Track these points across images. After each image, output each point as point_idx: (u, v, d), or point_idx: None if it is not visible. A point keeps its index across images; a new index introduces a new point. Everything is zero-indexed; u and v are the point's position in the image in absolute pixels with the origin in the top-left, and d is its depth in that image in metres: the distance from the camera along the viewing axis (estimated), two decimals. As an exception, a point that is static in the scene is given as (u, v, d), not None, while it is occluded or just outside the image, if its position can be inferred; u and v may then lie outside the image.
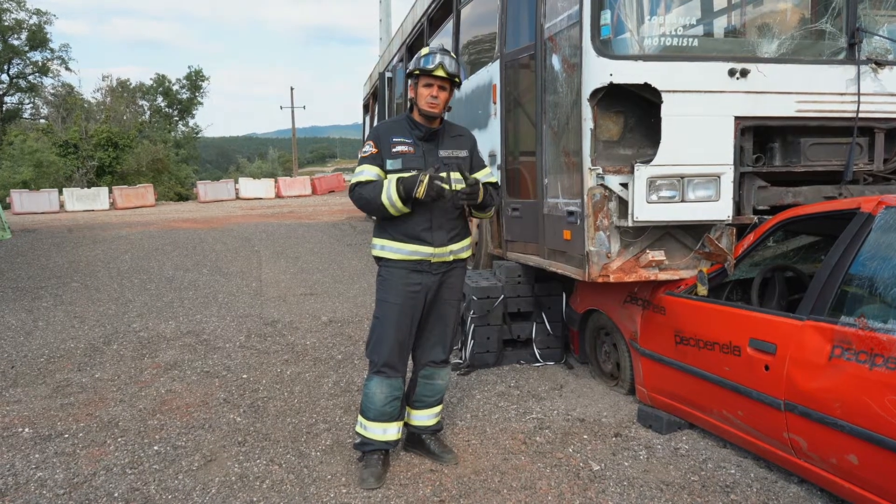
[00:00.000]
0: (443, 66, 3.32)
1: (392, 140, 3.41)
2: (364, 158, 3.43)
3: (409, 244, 3.41)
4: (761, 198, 3.92)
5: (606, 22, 3.74)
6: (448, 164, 3.45)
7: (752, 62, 3.73)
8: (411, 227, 3.41)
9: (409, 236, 3.40)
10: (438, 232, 3.45)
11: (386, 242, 3.45)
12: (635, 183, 3.69)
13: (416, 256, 3.42)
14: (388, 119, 3.61)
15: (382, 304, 3.45)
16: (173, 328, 6.61)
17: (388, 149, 3.39)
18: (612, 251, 3.89)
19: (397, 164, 3.38)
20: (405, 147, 3.40)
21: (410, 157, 3.40)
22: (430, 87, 3.36)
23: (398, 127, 3.47)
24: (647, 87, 3.67)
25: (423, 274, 3.45)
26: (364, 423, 3.49)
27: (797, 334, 3.12)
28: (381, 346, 3.43)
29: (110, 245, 12.77)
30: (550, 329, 5.27)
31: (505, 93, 5.28)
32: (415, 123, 3.45)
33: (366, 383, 3.50)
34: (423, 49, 3.44)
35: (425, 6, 8.45)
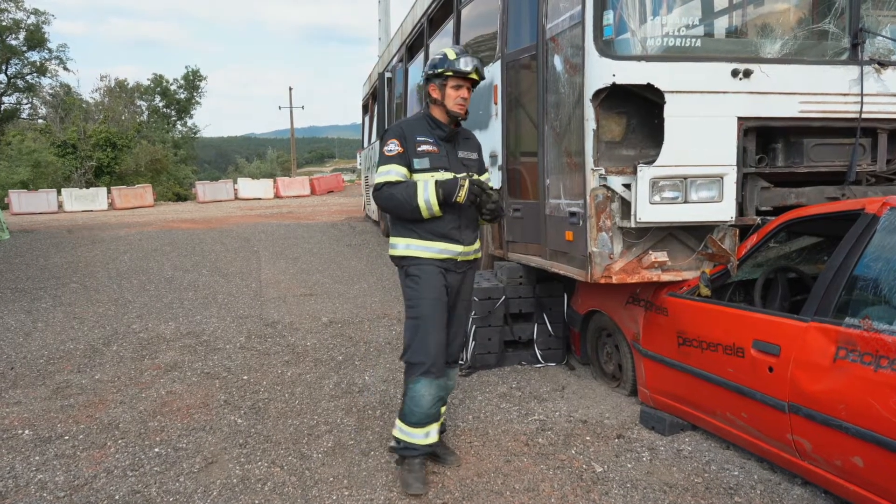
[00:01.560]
0: (477, 69, 3.37)
1: (416, 139, 3.36)
2: (390, 157, 3.33)
3: (439, 242, 3.38)
4: (764, 199, 3.90)
5: (609, 22, 3.72)
6: (467, 165, 3.49)
7: (755, 63, 3.72)
8: (441, 226, 3.36)
9: (439, 235, 3.37)
10: (466, 231, 3.45)
11: (413, 241, 3.39)
12: (638, 184, 3.68)
13: (445, 255, 3.40)
14: (406, 118, 3.61)
15: (421, 303, 3.35)
16: (173, 329, 6.59)
17: (413, 147, 3.34)
18: (614, 252, 3.88)
19: (425, 163, 3.34)
20: (430, 146, 3.37)
21: (436, 157, 3.37)
22: (461, 89, 3.37)
23: (419, 126, 3.42)
24: (649, 88, 3.66)
25: (450, 273, 3.44)
26: (406, 429, 3.38)
27: (801, 336, 3.11)
28: (426, 345, 3.33)
29: (109, 245, 12.74)
30: (552, 330, 5.25)
31: (506, 93, 5.27)
32: (436, 123, 3.42)
33: (410, 387, 3.35)
34: (448, 50, 3.40)
35: (425, 6, 8.43)
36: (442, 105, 3.41)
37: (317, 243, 12.58)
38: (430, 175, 3.33)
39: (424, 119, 3.46)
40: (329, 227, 15.27)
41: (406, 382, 3.42)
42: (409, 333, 3.40)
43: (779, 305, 3.79)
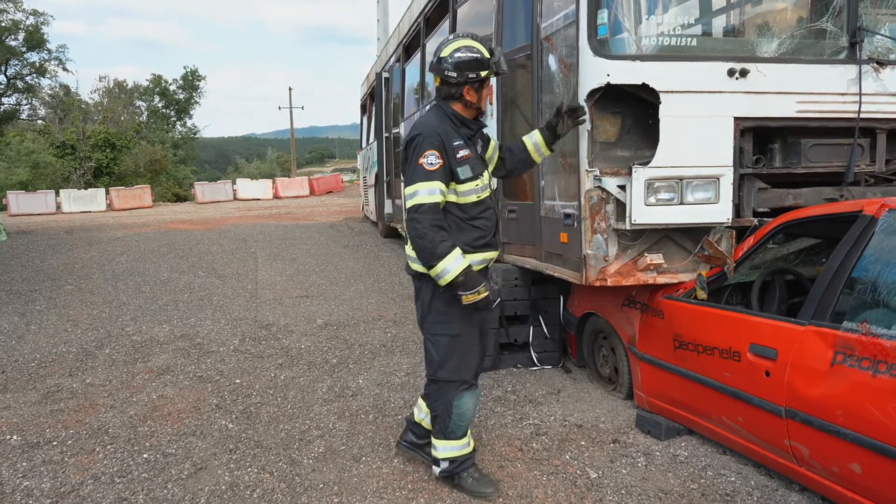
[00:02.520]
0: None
1: (454, 144, 3.10)
2: (432, 173, 3.00)
3: (481, 252, 3.21)
4: (761, 200, 3.85)
5: (603, 21, 3.67)
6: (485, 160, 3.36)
7: (752, 62, 3.67)
8: (485, 234, 3.21)
9: (482, 245, 3.21)
10: (499, 234, 3.37)
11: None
12: (633, 185, 3.62)
13: (484, 264, 3.27)
14: (431, 119, 3.18)
15: (460, 319, 3.17)
16: (167, 332, 6.53)
17: (453, 156, 3.07)
18: (609, 254, 3.82)
19: (467, 171, 3.09)
20: (465, 150, 3.13)
21: (474, 162, 3.15)
22: (488, 87, 3.24)
23: (450, 129, 3.13)
24: (644, 88, 3.60)
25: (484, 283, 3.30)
26: (454, 445, 3.28)
27: (798, 340, 3.05)
28: (471, 360, 3.25)
29: (106, 247, 12.69)
30: (548, 332, 5.20)
31: (501, 93, 5.21)
32: (463, 121, 3.19)
33: (456, 404, 3.21)
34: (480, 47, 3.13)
35: (422, 5, 8.37)
36: (475, 106, 3.23)
37: (314, 244, 12.52)
38: (475, 184, 3.12)
39: (449, 119, 3.17)
40: (327, 228, 15.22)
41: (444, 400, 3.25)
42: (445, 350, 3.21)
43: (776, 308, 3.73)
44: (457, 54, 3.14)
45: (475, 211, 3.19)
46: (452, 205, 3.16)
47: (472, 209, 3.18)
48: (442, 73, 3.17)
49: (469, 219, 3.19)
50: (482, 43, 3.18)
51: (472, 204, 3.17)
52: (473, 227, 3.20)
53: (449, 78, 3.16)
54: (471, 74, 3.12)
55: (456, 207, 3.17)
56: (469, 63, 3.12)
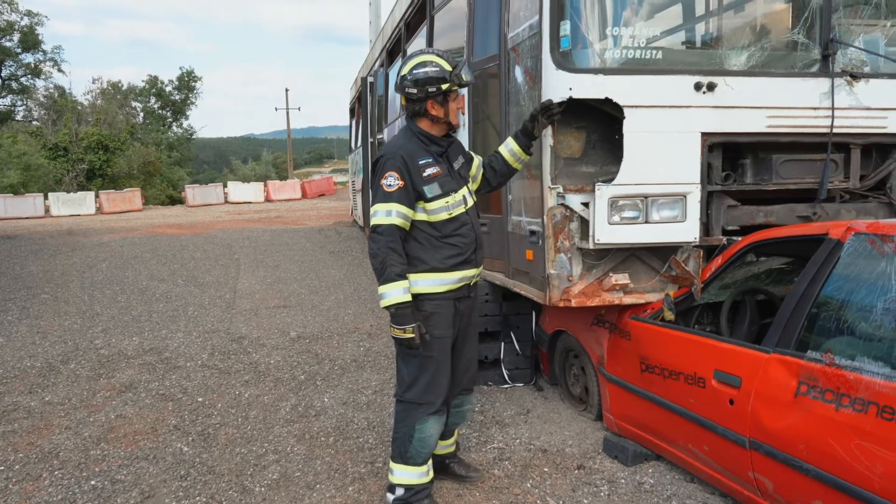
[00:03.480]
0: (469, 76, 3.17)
1: (419, 163, 3.06)
2: (389, 194, 2.99)
3: (457, 271, 3.12)
4: (731, 217, 3.72)
5: (566, 33, 3.54)
6: (463, 175, 3.28)
7: (720, 75, 3.53)
8: (462, 251, 3.12)
9: (459, 263, 3.12)
10: (480, 250, 3.26)
11: (424, 276, 3.07)
12: (596, 203, 3.49)
13: (462, 283, 3.18)
14: (398, 139, 3.21)
15: (434, 341, 3.09)
16: (136, 345, 6.39)
17: (418, 175, 3.04)
18: (573, 274, 3.69)
19: (435, 189, 3.06)
20: (434, 168, 3.09)
21: (444, 179, 3.10)
22: (458, 101, 3.18)
23: (416, 147, 3.11)
24: (608, 102, 3.47)
25: (462, 301, 3.23)
26: (411, 471, 3.17)
27: (762, 368, 2.93)
28: (440, 384, 3.15)
29: (89, 253, 12.54)
30: (519, 349, 5.07)
31: (472, 104, 5.08)
32: (431, 139, 3.16)
33: (418, 428, 3.11)
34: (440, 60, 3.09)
35: (403, 10, 8.25)
36: (444, 121, 3.17)
37: (299, 250, 12.38)
38: (445, 201, 3.07)
39: (417, 137, 3.15)
40: (315, 233, 15.08)
41: (407, 422, 3.16)
42: (414, 371, 3.14)
43: (746, 330, 3.60)
44: (416, 71, 3.12)
45: (448, 228, 3.12)
46: (424, 223, 3.11)
47: (445, 227, 3.12)
48: (403, 90, 3.17)
49: (442, 237, 3.12)
50: (444, 57, 3.14)
51: (443, 221, 3.11)
52: (448, 244, 3.13)
53: (410, 95, 3.14)
54: (431, 89, 3.07)
55: (428, 226, 3.11)
56: (429, 78, 3.08)
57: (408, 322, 2.97)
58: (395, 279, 2.97)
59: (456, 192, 3.14)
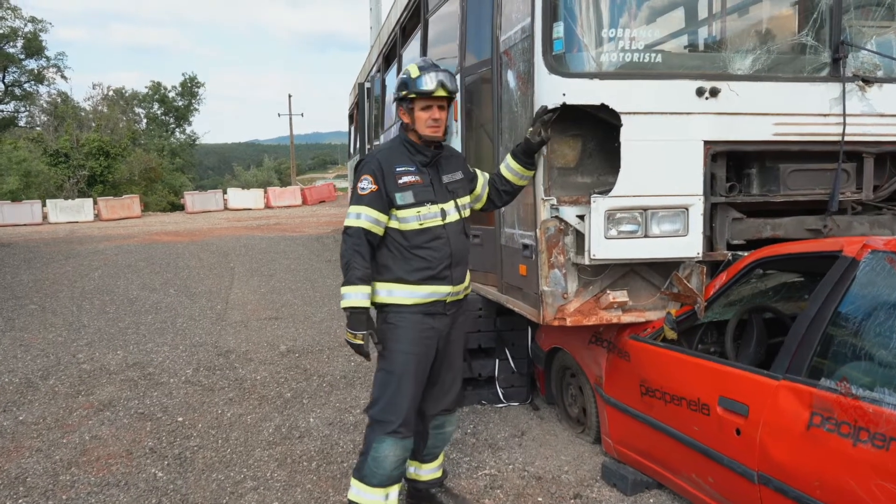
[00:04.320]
0: (443, 85, 2.95)
1: (396, 169, 2.98)
2: (361, 197, 2.95)
3: (426, 285, 2.98)
4: (736, 231, 3.49)
5: (559, 36, 3.32)
6: (453, 189, 3.11)
7: (724, 80, 3.31)
8: (431, 265, 2.98)
9: (427, 277, 2.98)
10: (458, 267, 3.08)
11: (395, 286, 2.99)
12: (592, 216, 3.27)
13: (433, 298, 3.01)
14: (383, 144, 3.23)
15: (397, 356, 2.98)
16: (120, 359, 6.18)
17: (393, 181, 2.96)
18: (568, 291, 3.47)
19: (408, 197, 2.96)
20: (412, 177, 2.99)
21: (420, 189, 2.99)
22: (430, 110, 2.99)
23: (398, 153, 3.04)
24: (604, 109, 3.25)
25: (437, 317, 3.04)
26: (364, 490, 3.00)
27: (772, 396, 2.70)
28: (399, 403, 2.97)
29: (83, 261, 12.36)
30: (515, 366, 4.84)
31: (465, 110, 4.88)
32: (416, 147, 3.05)
33: (374, 446, 2.97)
34: (412, 67, 3.03)
35: (398, 14, 8.06)
36: (413, 129, 3.04)
37: (296, 259, 12.18)
38: (417, 211, 2.96)
39: (403, 145, 3.07)
40: (313, 241, 14.88)
41: (368, 439, 3.03)
42: (380, 388, 3.03)
43: (753, 351, 3.37)
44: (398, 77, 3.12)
45: (419, 239, 2.98)
46: (395, 231, 3.01)
47: (415, 237, 2.99)
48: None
49: (411, 247, 2.99)
50: (423, 64, 3.02)
51: (413, 232, 2.98)
52: (417, 256, 2.99)
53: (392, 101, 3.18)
54: (395, 94, 3.07)
55: (398, 234, 3.00)
56: (397, 83, 3.04)
57: (360, 328, 2.90)
58: (354, 283, 2.91)
59: (433, 204, 3.00)
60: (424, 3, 6.44)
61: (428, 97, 2.95)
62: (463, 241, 3.10)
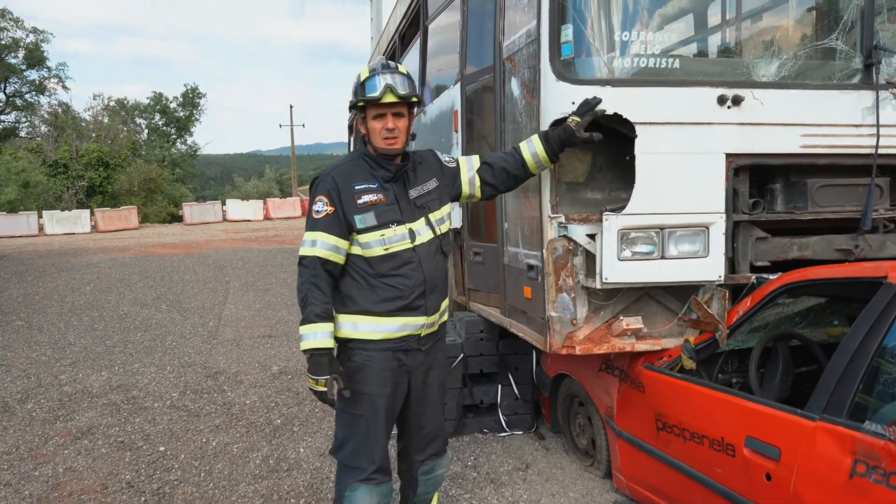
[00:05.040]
0: (392, 89, 2.59)
1: (354, 188, 2.63)
2: (317, 221, 2.60)
3: (397, 317, 2.64)
4: (760, 251, 3.21)
5: (568, 39, 3.06)
6: (423, 205, 2.75)
7: (747, 87, 3.05)
8: (401, 294, 2.64)
9: (398, 308, 2.64)
10: (433, 295, 2.73)
11: (360, 319, 2.65)
12: (604, 236, 3.00)
13: (405, 332, 2.68)
14: (340, 160, 2.81)
15: (364, 399, 2.66)
16: (104, 381, 5.89)
17: (351, 202, 2.61)
18: (577, 317, 3.19)
19: (370, 219, 2.61)
20: (373, 195, 2.64)
21: (384, 208, 2.64)
22: (383, 119, 2.62)
23: (356, 169, 2.69)
24: (617, 119, 2.98)
25: (409, 354, 2.72)
26: None
27: (807, 439, 2.41)
28: (371, 447, 2.67)
29: (75, 274, 12.09)
30: (518, 393, 4.55)
31: (466, 120, 4.61)
32: (376, 162, 2.70)
33: (347, 496, 2.68)
34: (362, 70, 2.70)
35: (397, 22, 7.82)
36: (369, 141, 2.70)
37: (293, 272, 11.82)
38: (381, 234, 2.61)
39: (362, 159, 2.72)
40: (311, 253, 14.60)
41: (339, 487, 2.73)
42: (345, 429, 2.73)
43: (779, 382, 3.09)
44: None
45: (385, 266, 2.64)
46: (358, 258, 2.67)
47: (381, 264, 2.64)
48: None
49: (377, 275, 2.65)
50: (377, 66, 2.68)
51: (378, 258, 2.64)
52: (385, 285, 2.65)
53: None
54: (350, 103, 2.73)
55: (362, 261, 2.67)
56: (352, 91, 2.72)
57: (322, 372, 2.54)
58: (313, 320, 2.57)
59: (399, 225, 2.66)
60: (424, 10, 6.20)
61: (378, 104, 2.61)
62: (438, 264, 2.76)
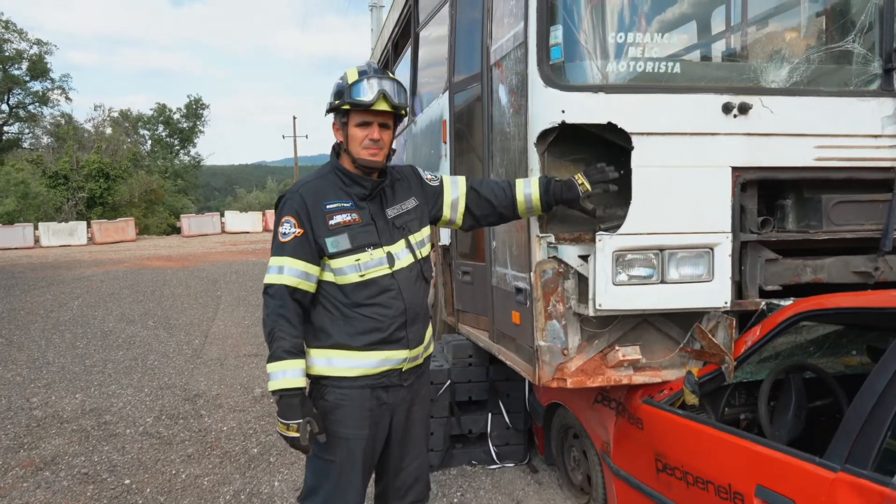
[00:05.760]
0: (386, 96, 2.32)
1: (325, 208, 2.35)
2: (283, 245, 2.31)
3: (376, 351, 2.37)
4: (770, 274, 2.91)
5: (558, 41, 2.79)
6: (402, 226, 2.47)
7: (755, 94, 2.77)
8: (380, 326, 2.36)
9: (376, 341, 2.37)
10: (415, 326, 2.46)
11: (335, 354, 2.37)
12: (598, 258, 2.71)
13: (385, 367, 2.40)
14: (309, 175, 2.53)
15: (338, 443, 2.38)
16: (77, 404, 5.61)
17: (322, 222, 2.33)
18: (569, 346, 2.89)
19: (342, 241, 2.33)
20: (346, 215, 2.36)
21: (359, 230, 2.36)
22: (368, 127, 2.35)
23: (327, 186, 2.41)
24: (612, 128, 2.71)
25: (390, 391, 2.43)
26: None
27: (827, 492, 2.11)
28: (344, 498, 2.40)
29: (65, 288, 11.84)
30: (510, 421, 4.25)
31: (455, 130, 4.34)
32: (351, 177, 2.41)
33: None
34: (350, 71, 2.40)
35: (390, 30, 7.60)
36: (348, 151, 2.41)
37: (287, 286, 11.62)
38: (356, 259, 2.34)
39: (334, 173, 2.44)
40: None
41: None
42: (316, 476, 2.45)
43: (791, 419, 2.79)
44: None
45: (361, 295, 2.36)
46: (330, 285, 2.39)
47: (356, 292, 2.36)
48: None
49: (353, 305, 2.37)
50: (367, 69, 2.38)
51: (353, 285, 2.36)
52: (361, 316, 2.36)
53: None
54: (328, 105, 2.43)
55: (335, 289, 2.39)
56: (332, 92, 2.41)
57: (294, 416, 2.25)
58: (282, 357, 2.27)
59: (376, 248, 2.37)
60: (415, 17, 5.96)
61: (366, 110, 2.34)
62: (419, 291, 2.48)
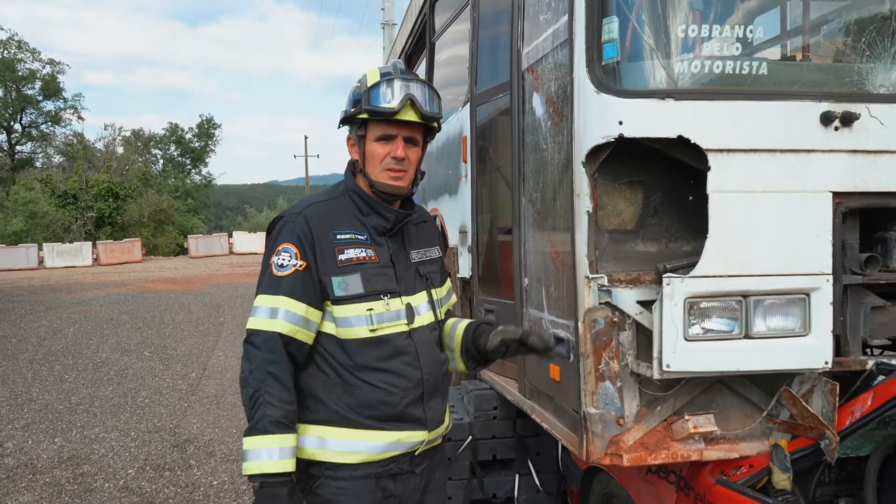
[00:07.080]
0: (414, 102, 1.80)
1: (336, 238, 1.85)
2: (279, 281, 1.79)
3: (388, 431, 1.86)
4: (877, 325, 2.35)
5: (613, 37, 2.26)
6: (426, 275, 1.96)
7: (861, 101, 2.22)
8: (391, 398, 1.84)
9: (386, 417, 1.85)
10: (434, 400, 1.96)
11: (329, 432, 1.85)
12: (665, 306, 2.15)
13: (396, 451, 1.88)
14: (318, 194, 2.00)
15: None
16: (55, 450, 5.08)
17: (330, 256, 1.82)
18: (626, 414, 2.33)
19: (353, 284, 1.82)
20: (360, 251, 1.85)
21: (374, 271, 1.85)
22: (391, 142, 1.84)
23: (339, 211, 1.90)
24: (681, 144, 2.16)
25: (399, 479, 1.91)
26: None
27: None
28: None
29: (62, 313, 11.39)
30: (540, 484, 3.67)
31: (476, 148, 3.82)
32: (369, 204, 1.90)
33: None
34: (371, 72, 1.88)
35: (402, 43, 7.15)
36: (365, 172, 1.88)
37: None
38: (368, 308, 1.82)
39: (349, 196, 1.93)
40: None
41: None
42: None
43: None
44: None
45: (368, 356, 1.82)
46: (329, 339, 1.84)
47: (363, 352, 1.83)
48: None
49: (356, 368, 1.83)
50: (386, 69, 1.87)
51: (360, 342, 1.83)
52: (366, 384, 1.82)
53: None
54: (343, 114, 1.92)
55: (335, 345, 1.84)
56: (348, 99, 1.89)
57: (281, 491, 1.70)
58: (268, 430, 1.72)
59: (393, 297, 1.84)
60: (430, 25, 5.48)
61: (389, 121, 1.81)
62: (439, 358, 1.95)
